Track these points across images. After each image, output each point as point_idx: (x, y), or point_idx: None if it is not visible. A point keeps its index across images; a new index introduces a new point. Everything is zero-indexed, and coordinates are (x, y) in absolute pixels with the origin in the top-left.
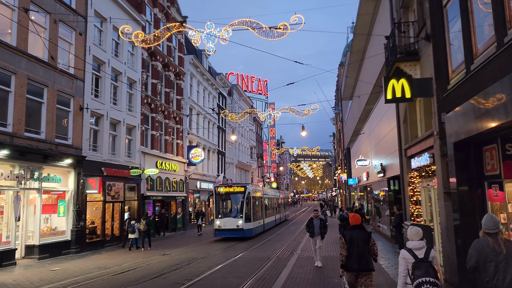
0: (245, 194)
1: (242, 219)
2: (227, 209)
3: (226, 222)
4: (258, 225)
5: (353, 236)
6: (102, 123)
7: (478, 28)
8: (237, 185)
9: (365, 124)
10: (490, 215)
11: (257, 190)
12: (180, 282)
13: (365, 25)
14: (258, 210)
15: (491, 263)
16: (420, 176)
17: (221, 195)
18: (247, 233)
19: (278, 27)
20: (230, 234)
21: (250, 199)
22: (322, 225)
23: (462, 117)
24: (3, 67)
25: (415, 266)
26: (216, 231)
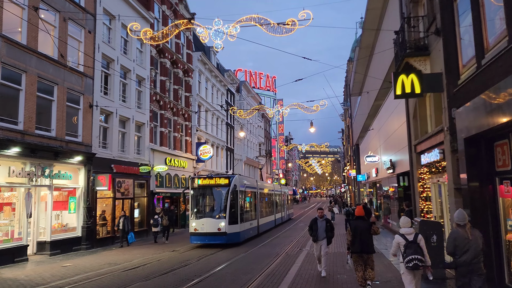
0: (230, 188)
1: (225, 220)
2: (207, 207)
3: (205, 224)
4: (248, 228)
5: (357, 225)
6: (112, 120)
7: (489, 22)
8: (219, 176)
9: (374, 120)
10: (460, 210)
11: (248, 183)
12: (190, 278)
13: (374, 20)
14: (250, 209)
15: (463, 248)
16: (430, 172)
17: (198, 188)
18: (232, 238)
19: (286, 23)
20: (209, 240)
21: (237, 194)
22: (328, 228)
23: (473, 112)
24: (13, 66)
25: (406, 246)
26: (192, 235)
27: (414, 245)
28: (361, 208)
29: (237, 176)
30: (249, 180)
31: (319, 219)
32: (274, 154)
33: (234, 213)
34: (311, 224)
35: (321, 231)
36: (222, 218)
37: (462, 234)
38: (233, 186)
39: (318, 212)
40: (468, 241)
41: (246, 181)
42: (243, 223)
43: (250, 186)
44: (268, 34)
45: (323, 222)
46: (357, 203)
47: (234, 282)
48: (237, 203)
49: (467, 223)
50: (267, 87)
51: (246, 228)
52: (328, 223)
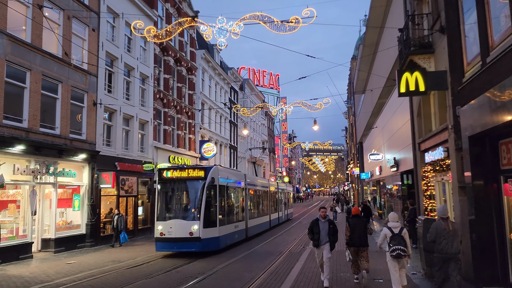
0: (207, 182)
1: (199, 222)
2: (176, 205)
3: (173, 227)
4: (232, 231)
5: (355, 222)
6: (116, 118)
7: (494, 20)
8: (193, 167)
9: (378, 118)
10: (444, 206)
11: (232, 177)
12: (193, 276)
13: (378, 17)
14: (235, 208)
15: (443, 237)
16: (434, 170)
17: (167, 182)
18: (208, 245)
19: (289, 20)
20: (178, 247)
21: (217, 190)
22: (331, 231)
23: (477, 110)
24: (18, 64)
25: (391, 238)
26: (158, 242)
27: (399, 237)
28: (357, 208)
29: (216, 167)
30: (234, 173)
31: (321, 220)
32: (278, 152)
33: (211, 213)
34: (311, 226)
35: (324, 234)
36: (195, 219)
37: (443, 226)
38: (210, 179)
39: (320, 212)
40: (447, 232)
41: (230, 174)
42: (225, 226)
43: (236, 181)
44: (272, 31)
45: (326, 223)
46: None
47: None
48: (216, 200)
49: (448, 217)
50: (271, 85)
51: (229, 232)
52: (332, 225)
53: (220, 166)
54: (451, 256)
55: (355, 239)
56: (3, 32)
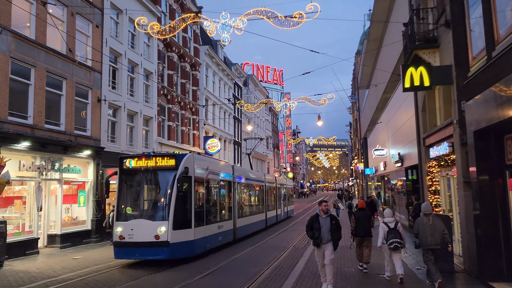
0: (178, 173)
1: (167, 222)
2: (140, 202)
3: (135, 229)
4: (214, 233)
5: (360, 215)
6: (120, 114)
7: (499, 14)
8: (162, 155)
9: (382, 113)
10: (427, 203)
11: (214, 167)
12: (198, 270)
13: (382, 12)
14: (220, 205)
15: (426, 231)
16: (439, 165)
17: (129, 174)
18: (179, 251)
19: (293, 16)
20: (142, 254)
21: (192, 183)
22: (333, 227)
23: (483, 105)
24: (23, 60)
25: (388, 232)
26: (116, 247)
27: (394, 231)
28: (362, 202)
29: (190, 154)
30: (218, 164)
31: (322, 216)
32: (282, 147)
33: (184, 211)
34: (310, 222)
35: (325, 231)
36: (163, 219)
37: (426, 221)
38: (183, 170)
39: (321, 206)
40: (428, 226)
41: (212, 165)
42: (203, 227)
43: (220, 173)
44: (276, 27)
45: (327, 219)
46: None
47: None
48: (192, 196)
49: (431, 213)
50: (275, 81)
51: (210, 234)
52: (334, 221)
53: (198, 154)
54: (433, 247)
55: (360, 230)
56: (7, 29)
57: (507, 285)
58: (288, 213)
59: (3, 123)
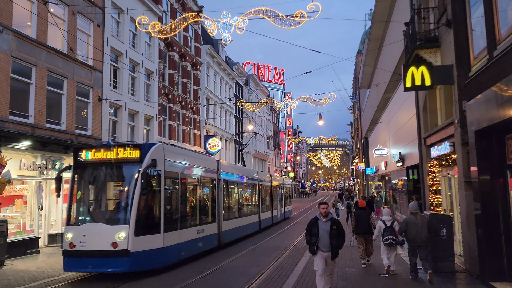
0: (144, 167)
1: (128, 226)
2: (97, 202)
3: (88, 235)
4: (191, 238)
5: (360, 213)
6: (121, 113)
7: (501, 13)
8: (124, 145)
9: (383, 112)
10: (414, 203)
11: (191, 161)
12: (199, 270)
13: (383, 11)
14: (198, 205)
15: (413, 229)
16: (440, 165)
17: (86, 167)
18: (143, 262)
19: (294, 15)
20: (96, 266)
21: (161, 179)
22: (334, 232)
23: (484, 104)
24: (24, 59)
25: (385, 229)
26: (66, 257)
27: (390, 229)
28: (362, 201)
29: (160, 145)
30: (197, 158)
31: (322, 220)
32: (283, 147)
33: (151, 212)
34: (309, 227)
35: (324, 237)
36: (123, 222)
37: (412, 220)
38: (150, 163)
39: (321, 209)
40: (415, 225)
41: (190, 158)
42: (177, 232)
43: (200, 168)
44: (277, 26)
45: (327, 223)
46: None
47: None
48: (161, 194)
49: (417, 212)
50: (276, 80)
51: (187, 239)
52: (335, 226)
53: (172, 146)
54: (420, 244)
55: (360, 228)
56: (8, 28)
57: (508, 285)
58: (285, 214)
59: (4, 122)
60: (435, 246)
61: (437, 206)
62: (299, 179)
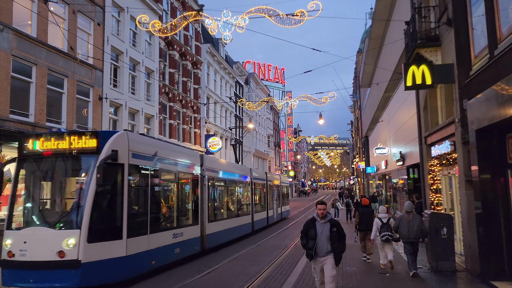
0: (101, 159)
1: (78, 232)
2: (43, 202)
3: (30, 242)
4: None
5: (363, 211)
6: (121, 112)
7: (502, 12)
8: (79, 134)
9: (383, 111)
10: (409, 202)
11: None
12: (200, 269)
13: (384, 10)
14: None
15: (405, 226)
16: (440, 164)
17: (32, 160)
18: (97, 275)
19: (295, 14)
20: (38, 280)
21: (125, 174)
22: (334, 235)
23: (484, 103)
24: (24, 58)
25: (381, 226)
26: (4, 269)
27: (386, 225)
28: (365, 199)
29: (123, 133)
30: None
31: (319, 221)
32: (283, 146)
33: (110, 214)
34: (305, 229)
35: (323, 240)
36: (72, 226)
37: (406, 217)
38: (109, 154)
39: (318, 209)
40: (408, 222)
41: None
42: (147, 236)
43: (179, 163)
44: (277, 25)
45: (326, 225)
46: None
47: None
48: (124, 192)
49: (412, 211)
50: (276, 79)
51: (159, 245)
52: (335, 228)
53: (141, 135)
54: (411, 240)
55: (363, 224)
56: (9, 27)
57: (508, 284)
58: (282, 215)
59: (4, 121)
60: (435, 245)
61: (437, 205)
62: (299, 178)
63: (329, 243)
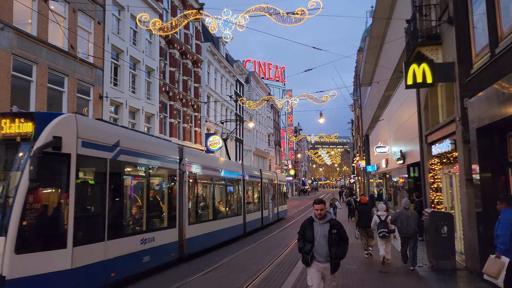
0: (36, 147)
1: (3, 240)
2: None
3: None
4: (126, 253)
5: (362, 209)
6: (122, 111)
7: (503, 10)
8: (13, 116)
9: (384, 110)
10: (406, 199)
11: (129, 143)
12: (199, 268)
13: (385, 8)
14: (142, 205)
15: (403, 221)
16: (441, 162)
17: None
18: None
19: (295, 12)
20: None
21: (72, 167)
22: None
23: (485, 102)
24: (24, 57)
25: (379, 223)
26: None
27: (384, 223)
28: (364, 198)
29: (69, 116)
30: (145, 140)
31: (318, 222)
32: (283, 145)
33: (46, 216)
34: (302, 230)
35: (321, 243)
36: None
37: (404, 213)
38: (49, 141)
39: (316, 210)
40: (406, 218)
41: (131, 141)
42: (103, 243)
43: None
44: (278, 24)
45: (325, 226)
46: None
47: None
48: (69, 189)
49: (409, 207)
50: (276, 78)
51: (122, 254)
52: (335, 229)
53: (94, 120)
54: (409, 235)
55: (363, 222)
56: (9, 26)
57: None
58: (279, 215)
59: None
60: (436, 244)
61: (438, 204)
62: (299, 177)
63: (327, 246)
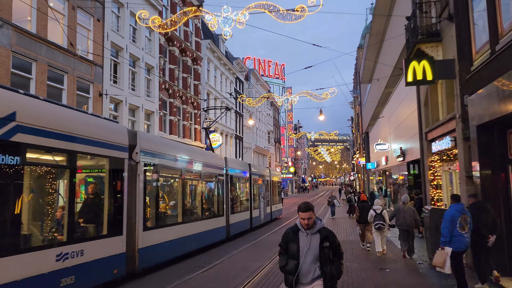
0: None
1: None
2: None
3: None
4: (38, 273)
5: (363, 205)
6: (121, 109)
7: (504, 7)
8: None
9: (384, 107)
10: (405, 195)
11: (57, 123)
12: (200, 265)
13: (385, 6)
14: (73, 207)
15: (401, 215)
16: (441, 160)
17: None
18: None
19: (295, 9)
20: None
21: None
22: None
23: (485, 99)
24: (24, 54)
25: (375, 216)
26: None
27: (379, 216)
28: (364, 195)
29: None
30: (61, 115)
31: (304, 232)
32: (283, 142)
33: None
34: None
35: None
36: None
37: (402, 208)
38: None
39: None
40: (403, 212)
41: (37, 114)
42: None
43: (70, 137)
44: (278, 21)
45: (314, 238)
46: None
47: None
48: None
49: (407, 202)
50: (276, 75)
51: (15, 279)
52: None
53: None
54: (407, 228)
55: (363, 218)
56: (8, 23)
57: (509, 280)
58: (272, 215)
59: None
60: (436, 241)
61: (438, 201)
62: (299, 174)
63: (316, 264)
